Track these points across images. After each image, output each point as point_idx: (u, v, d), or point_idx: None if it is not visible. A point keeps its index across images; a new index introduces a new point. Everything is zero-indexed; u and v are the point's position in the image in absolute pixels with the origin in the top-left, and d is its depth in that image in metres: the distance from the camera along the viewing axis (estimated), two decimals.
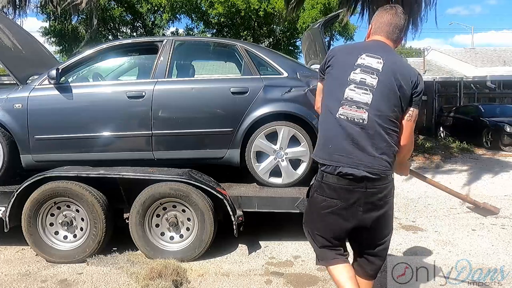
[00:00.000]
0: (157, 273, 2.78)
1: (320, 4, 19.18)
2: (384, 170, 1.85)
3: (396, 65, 1.88)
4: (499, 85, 15.66)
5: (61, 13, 15.92)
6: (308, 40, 4.77)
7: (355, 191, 1.85)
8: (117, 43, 4.15)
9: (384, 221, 1.96)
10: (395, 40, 1.99)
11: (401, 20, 1.97)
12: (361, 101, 1.83)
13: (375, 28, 2.00)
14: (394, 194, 2.02)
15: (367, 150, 1.82)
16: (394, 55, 1.95)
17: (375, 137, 1.82)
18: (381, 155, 1.83)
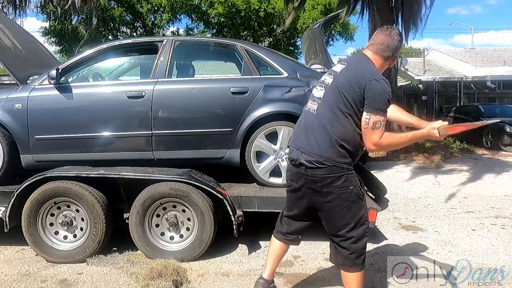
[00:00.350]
0: (157, 273, 2.78)
1: (321, 5, 19.19)
2: (322, 161, 2.03)
3: (354, 68, 2.10)
4: (499, 85, 15.67)
5: (61, 13, 15.94)
6: (308, 40, 4.78)
7: (299, 176, 2.13)
8: (117, 43, 4.15)
9: (334, 211, 2.11)
10: (386, 57, 2.17)
11: (394, 41, 2.15)
12: (317, 96, 2.14)
13: (368, 43, 2.22)
14: (394, 194, 2.03)
15: (311, 139, 2.06)
16: (359, 62, 2.14)
17: (320, 129, 2.05)
18: (322, 146, 2.03)
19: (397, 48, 2.17)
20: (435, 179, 6.77)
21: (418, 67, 18.07)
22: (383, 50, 2.15)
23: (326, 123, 2.04)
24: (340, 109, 2.03)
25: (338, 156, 2.04)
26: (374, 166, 7.78)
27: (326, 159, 2.03)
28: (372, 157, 8.92)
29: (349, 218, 2.12)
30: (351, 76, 2.06)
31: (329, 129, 2.03)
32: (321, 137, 2.04)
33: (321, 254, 3.37)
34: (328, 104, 2.07)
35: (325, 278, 2.93)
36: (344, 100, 2.03)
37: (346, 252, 2.16)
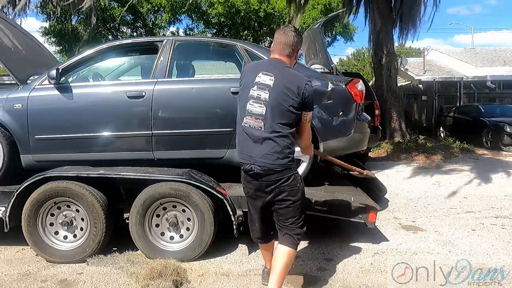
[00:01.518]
0: (157, 273, 2.78)
1: (321, 5, 19.17)
2: (274, 167, 2.29)
3: (285, 79, 2.29)
4: (499, 85, 15.66)
5: (61, 13, 15.93)
6: (308, 40, 4.78)
7: (253, 182, 2.39)
8: (117, 43, 4.15)
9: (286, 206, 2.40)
10: (288, 55, 2.38)
11: (289, 37, 2.35)
12: (258, 113, 2.28)
13: (272, 48, 2.43)
14: (394, 194, 2.06)
15: (258, 147, 2.29)
16: (285, 71, 2.34)
17: (264, 137, 2.27)
18: (269, 154, 2.27)
19: (295, 43, 2.37)
20: (435, 179, 6.77)
21: (418, 67, 18.05)
22: (283, 49, 2.36)
23: (274, 136, 2.27)
24: (287, 119, 2.28)
25: (287, 160, 2.31)
26: (374, 166, 7.78)
27: (277, 165, 2.29)
28: (372, 157, 8.93)
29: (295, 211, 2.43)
30: (288, 88, 2.26)
31: (278, 141, 2.27)
32: (272, 147, 2.28)
33: (321, 254, 3.37)
34: (273, 119, 2.26)
35: (325, 278, 2.93)
36: (288, 112, 2.27)
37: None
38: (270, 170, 2.30)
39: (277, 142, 2.27)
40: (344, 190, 3.85)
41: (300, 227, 2.45)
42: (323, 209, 3.29)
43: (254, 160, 2.31)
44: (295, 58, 2.45)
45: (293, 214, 2.42)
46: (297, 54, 2.44)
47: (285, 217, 2.42)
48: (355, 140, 3.80)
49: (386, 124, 10.54)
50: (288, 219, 2.42)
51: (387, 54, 10.65)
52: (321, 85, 3.66)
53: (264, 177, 2.32)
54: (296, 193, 2.40)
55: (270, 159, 2.28)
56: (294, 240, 2.42)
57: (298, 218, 2.44)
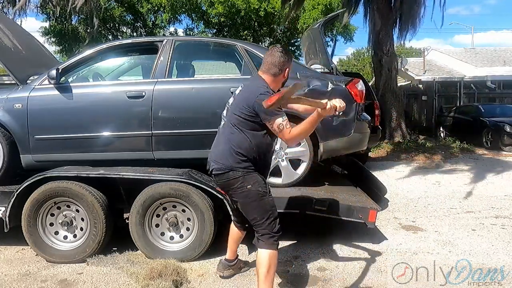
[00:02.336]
0: (157, 273, 2.78)
1: (321, 5, 19.16)
2: (220, 168, 2.42)
3: (245, 90, 2.47)
4: (499, 85, 15.65)
5: (61, 13, 15.92)
6: (308, 40, 4.78)
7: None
8: (117, 43, 4.15)
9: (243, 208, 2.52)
10: (274, 74, 2.46)
11: (275, 57, 2.45)
12: (223, 114, 2.54)
13: (262, 66, 2.52)
14: (394, 194, 2.05)
15: (216, 150, 2.49)
16: (250, 84, 2.51)
17: (223, 141, 2.45)
18: (222, 155, 2.42)
19: (281, 63, 2.45)
20: (435, 179, 6.77)
21: (418, 67, 18.05)
22: (269, 68, 2.45)
23: (227, 136, 2.43)
24: (242, 123, 2.39)
25: (237, 162, 2.40)
26: (374, 166, 7.78)
27: (224, 167, 2.41)
28: (372, 157, 8.93)
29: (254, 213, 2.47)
30: (242, 98, 2.42)
31: (230, 142, 2.41)
32: (225, 146, 2.43)
33: (321, 254, 3.37)
34: (229, 120, 2.44)
35: (325, 278, 2.93)
36: (237, 117, 2.39)
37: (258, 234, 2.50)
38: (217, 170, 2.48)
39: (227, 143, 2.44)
40: (344, 190, 3.86)
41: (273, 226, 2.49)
42: (323, 209, 3.29)
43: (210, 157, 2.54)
44: (284, 76, 2.51)
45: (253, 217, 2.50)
46: (285, 72, 2.49)
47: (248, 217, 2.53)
48: (355, 140, 3.80)
49: (386, 124, 10.54)
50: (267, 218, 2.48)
51: (387, 54, 10.66)
52: (321, 85, 3.67)
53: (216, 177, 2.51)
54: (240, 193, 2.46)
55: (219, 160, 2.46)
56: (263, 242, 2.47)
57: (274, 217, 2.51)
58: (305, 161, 3.60)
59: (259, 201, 2.42)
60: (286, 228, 3.91)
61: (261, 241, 2.46)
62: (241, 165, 2.39)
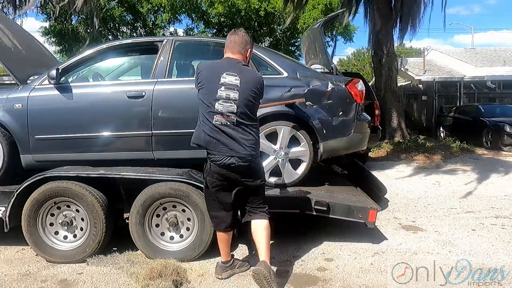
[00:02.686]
0: (157, 273, 2.77)
1: (321, 5, 19.14)
2: (252, 154, 2.61)
3: (249, 77, 2.61)
4: (499, 85, 15.65)
5: (61, 13, 15.92)
6: (308, 40, 4.78)
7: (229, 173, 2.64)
8: (117, 43, 4.15)
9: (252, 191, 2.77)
10: (240, 51, 2.68)
11: (237, 36, 2.67)
12: (230, 110, 2.54)
13: (226, 48, 2.72)
14: (394, 194, 2.08)
15: (240, 142, 2.56)
16: (246, 70, 2.64)
17: (242, 133, 2.57)
18: (248, 146, 2.57)
19: (244, 41, 2.67)
20: (435, 179, 6.77)
21: (418, 67, 18.04)
22: (234, 47, 2.66)
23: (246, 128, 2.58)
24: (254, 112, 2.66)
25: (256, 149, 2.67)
26: (374, 166, 7.78)
27: (252, 154, 2.62)
28: (372, 157, 8.93)
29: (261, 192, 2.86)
30: (252, 85, 2.59)
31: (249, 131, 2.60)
32: (246, 137, 2.59)
33: (321, 254, 3.37)
34: (244, 113, 2.57)
35: (325, 278, 2.93)
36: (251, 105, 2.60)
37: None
38: (248, 160, 2.60)
39: (251, 133, 2.60)
40: (344, 190, 3.86)
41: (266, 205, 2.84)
42: (323, 209, 3.29)
43: (235, 152, 2.56)
44: (247, 57, 2.73)
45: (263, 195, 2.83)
46: (247, 53, 2.72)
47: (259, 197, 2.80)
48: (355, 140, 3.80)
49: (386, 124, 10.54)
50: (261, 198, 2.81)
51: (387, 54, 10.66)
52: (321, 85, 3.67)
53: (241, 167, 2.61)
54: (262, 175, 2.80)
55: (248, 150, 2.58)
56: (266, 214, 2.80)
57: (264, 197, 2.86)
58: (305, 161, 3.60)
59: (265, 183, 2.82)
60: (286, 228, 3.93)
61: (265, 213, 2.79)
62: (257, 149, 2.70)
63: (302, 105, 3.57)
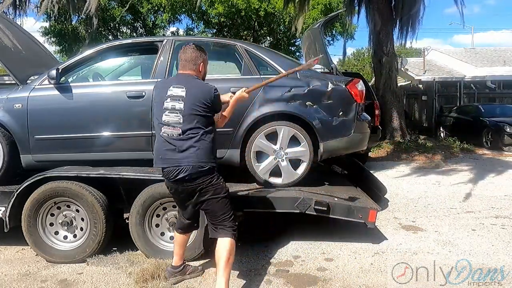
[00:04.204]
0: (149, 274, 2.78)
1: (321, 5, 19.15)
2: (198, 168, 2.50)
3: (196, 89, 2.56)
4: (499, 85, 15.64)
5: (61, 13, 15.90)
6: (308, 40, 4.78)
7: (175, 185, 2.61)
8: (117, 43, 4.15)
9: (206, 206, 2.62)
10: (193, 68, 2.66)
11: (187, 54, 2.65)
12: (176, 121, 2.51)
13: (179, 65, 2.71)
14: (394, 194, 2.07)
15: (187, 153, 2.49)
16: (194, 82, 2.61)
17: (190, 144, 2.49)
18: (195, 158, 2.49)
19: (194, 57, 2.65)
20: (435, 179, 6.77)
21: (418, 67, 18.03)
22: (185, 65, 2.65)
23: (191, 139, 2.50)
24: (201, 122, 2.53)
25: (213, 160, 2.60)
26: (374, 166, 7.78)
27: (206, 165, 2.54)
28: (372, 157, 8.93)
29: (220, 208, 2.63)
30: (199, 95, 2.54)
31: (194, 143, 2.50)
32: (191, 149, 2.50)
33: (321, 254, 3.37)
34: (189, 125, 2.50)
35: (325, 278, 2.93)
36: (201, 116, 2.53)
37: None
38: (196, 173, 2.51)
39: (199, 145, 2.51)
40: (344, 190, 3.86)
41: (231, 220, 2.63)
42: (323, 209, 3.29)
43: (182, 164, 2.49)
44: (200, 70, 2.69)
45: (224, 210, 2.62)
46: (201, 67, 2.68)
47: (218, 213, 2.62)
48: (355, 140, 3.80)
49: (386, 124, 10.54)
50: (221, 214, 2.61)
51: (387, 54, 10.66)
52: (321, 85, 3.67)
53: (189, 181, 2.52)
54: (217, 189, 2.60)
55: (195, 162, 2.50)
56: (228, 232, 2.59)
57: (228, 213, 2.63)
58: (305, 161, 3.60)
59: (227, 197, 2.64)
60: (287, 228, 3.93)
61: (227, 231, 2.59)
62: (214, 162, 2.59)
63: (302, 105, 3.57)
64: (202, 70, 2.71)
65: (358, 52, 39.82)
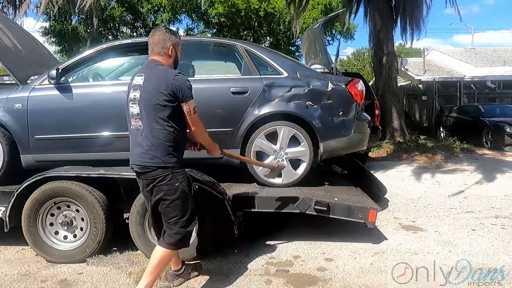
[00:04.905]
0: None
1: (321, 5, 19.16)
2: (151, 163, 2.33)
3: (154, 76, 2.35)
4: (499, 85, 15.65)
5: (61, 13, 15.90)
6: (308, 40, 4.78)
7: (140, 181, 2.49)
8: (117, 43, 4.15)
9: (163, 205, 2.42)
10: (159, 53, 2.44)
11: (155, 37, 2.44)
12: (136, 113, 2.37)
13: (149, 51, 2.48)
14: (394, 194, 2.06)
15: (140, 149, 2.35)
16: (155, 69, 2.39)
17: (145, 138, 2.33)
18: (149, 154, 2.32)
19: (161, 40, 2.43)
20: (435, 179, 6.77)
21: (418, 67, 18.03)
22: (153, 49, 2.44)
23: (150, 132, 2.32)
24: (162, 114, 2.30)
25: (164, 154, 2.34)
26: (375, 166, 7.78)
27: (153, 161, 2.34)
28: (373, 157, 8.92)
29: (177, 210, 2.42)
30: (156, 84, 2.31)
31: (155, 137, 2.32)
32: (150, 143, 2.33)
33: (321, 254, 3.37)
34: (147, 116, 2.32)
35: (325, 278, 2.93)
36: (161, 107, 2.29)
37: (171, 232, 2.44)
38: (148, 170, 2.35)
39: (154, 139, 2.32)
40: (344, 190, 3.86)
41: (182, 226, 2.43)
42: (323, 209, 3.29)
43: (136, 160, 2.38)
44: (170, 55, 2.46)
45: (173, 214, 2.42)
46: (170, 51, 2.45)
47: (166, 216, 2.43)
48: (355, 140, 3.81)
49: (386, 124, 10.55)
50: (170, 218, 2.42)
51: (387, 54, 10.66)
52: (321, 85, 3.67)
53: (144, 178, 2.40)
54: (169, 190, 2.37)
55: (148, 158, 2.33)
56: (170, 239, 2.42)
57: (181, 217, 2.42)
58: (305, 161, 3.60)
59: (185, 201, 2.42)
60: (286, 228, 3.93)
61: (165, 242, 2.43)
62: (171, 159, 2.36)
63: (302, 105, 3.57)
64: (173, 55, 2.47)
65: (358, 52, 39.83)
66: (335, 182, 4.13)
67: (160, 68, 2.40)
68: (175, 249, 2.48)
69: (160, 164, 2.34)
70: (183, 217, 2.42)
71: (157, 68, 2.40)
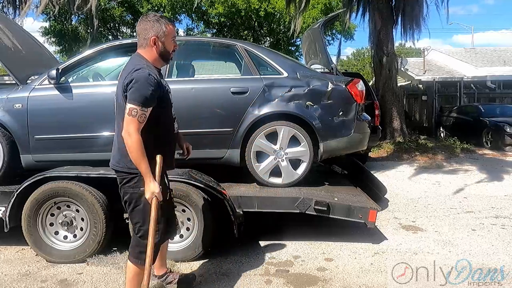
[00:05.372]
0: None
1: (321, 4, 19.17)
2: (114, 164, 2.25)
3: (123, 72, 2.11)
4: (499, 85, 15.64)
5: (61, 13, 15.91)
6: (308, 40, 4.78)
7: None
8: (117, 43, 4.15)
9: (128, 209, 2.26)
10: (143, 44, 2.16)
11: (138, 26, 2.16)
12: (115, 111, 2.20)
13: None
14: (394, 194, 2.05)
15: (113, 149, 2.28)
16: (127, 64, 2.15)
17: (117, 138, 2.21)
18: (116, 155, 2.24)
19: (143, 29, 2.14)
20: (435, 179, 6.77)
21: (418, 67, 18.02)
22: (139, 39, 2.17)
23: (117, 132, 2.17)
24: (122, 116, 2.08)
25: (129, 161, 2.12)
26: (375, 166, 7.78)
27: (117, 163, 2.22)
28: (372, 157, 8.92)
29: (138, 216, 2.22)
30: (121, 80, 2.11)
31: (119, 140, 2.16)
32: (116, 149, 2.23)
33: (321, 254, 3.37)
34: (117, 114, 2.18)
35: (325, 278, 2.93)
36: (122, 105, 2.09)
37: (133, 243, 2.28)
38: (116, 170, 2.25)
39: (116, 141, 2.21)
40: (344, 190, 3.86)
41: (141, 236, 2.21)
42: (323, 209, 3.29)
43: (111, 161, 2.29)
44: (152, 46, 2.14)
45: (135, 220, 2.23)
46: (153, 41, 2.13)
47: (131, 222, 2.28)
48: (355, 140, 3.80)
49: (386, 124, 10.55)
50: (134, 224, 2.25)
51: (387, 54, 10.66)
52: (321, 85, 3.67)
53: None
54: (139, 196, 2.16)
55: (115, 160, 2.24)
56: (132, 251, 2.24)
57: (142, 225, 2.20)
58: (305, 161, 3.60)
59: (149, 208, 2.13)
60: (286, 228, 3.93)
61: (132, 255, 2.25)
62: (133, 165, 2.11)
63: (303, 105, 3.57)
64: (158, 47, 2.14)
65: (358, 52, 39.84)
66: (335, 182, 4.13)
67: (130, 62, 2.15)
68: (140, 264, 2.18)
69: (124, 170, 2.18)
70: (143, 225, 2.19)
71: (130, 62, 2.16)
